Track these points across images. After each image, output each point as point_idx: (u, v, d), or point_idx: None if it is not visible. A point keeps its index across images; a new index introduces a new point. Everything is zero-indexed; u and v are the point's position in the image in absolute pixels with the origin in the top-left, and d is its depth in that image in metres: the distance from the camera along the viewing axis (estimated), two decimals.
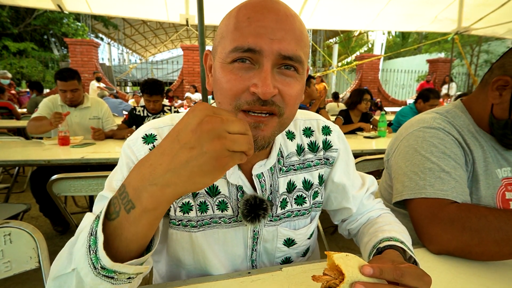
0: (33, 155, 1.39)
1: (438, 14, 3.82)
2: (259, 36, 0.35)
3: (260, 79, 0.35)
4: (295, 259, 0.55)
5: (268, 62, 0.36)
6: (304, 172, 0.52)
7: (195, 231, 0.48)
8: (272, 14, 0.36)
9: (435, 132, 0.61)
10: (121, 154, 0.46)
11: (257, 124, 0.38)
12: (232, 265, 0.51)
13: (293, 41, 0.36)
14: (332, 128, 0.55)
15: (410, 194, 0.59)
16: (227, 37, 0.38)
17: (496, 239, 0.49)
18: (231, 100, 0.37)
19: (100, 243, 0.29)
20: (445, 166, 0.58)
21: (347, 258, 0.34)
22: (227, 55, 0.37)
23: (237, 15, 0.37)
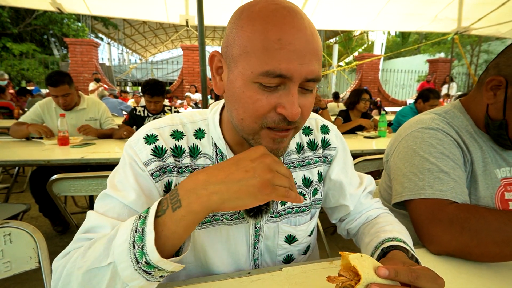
0: (33, 155, 1.39)
1: (438, 14, 3.82)
2: (290, 62, 0.35)
3: (288, 103, 0.37)
4: (297, 257, 0.56)
5: (296, 86, 0.37)
6: (303, 170, 0.53)
7: (198, 229, 0.48)
8: (302, 35, 0.36)
9: (434, 133, 0.61)
10: (123, 155, 0.47)
11: (281, 140, 0.40)
12: (235, 264, 0.51)
13: (317, 62, 0.37)
14: (330, 127, 0.56)
15: (409, 195, 0.59)
16: (254, 55, 0.36)
17: (496, 240, 0.49)
18: (257, 119, 0.38)
19: (150, 240, 0.31)
20: (443, 167, 0.58)
21: (362, 259, 0.34)
22: (256, 77, 0.36)
23: (265, 32, 0.35)
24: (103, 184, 1.07)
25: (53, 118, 1.83)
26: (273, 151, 0.40)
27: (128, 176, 0.43)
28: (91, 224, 0.40)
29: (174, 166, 0.46)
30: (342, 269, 0.35)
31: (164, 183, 0.45)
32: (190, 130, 0.48)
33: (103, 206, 0.42)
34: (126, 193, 0.42)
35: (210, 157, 0.48)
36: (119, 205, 0.41)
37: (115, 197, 0.42)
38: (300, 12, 0.38)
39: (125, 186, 0.42)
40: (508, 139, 0.58)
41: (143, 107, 2.07)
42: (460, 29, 4.17)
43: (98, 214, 0.41)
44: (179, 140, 0.47)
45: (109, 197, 0.42)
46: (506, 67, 0.56)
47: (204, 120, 0.50)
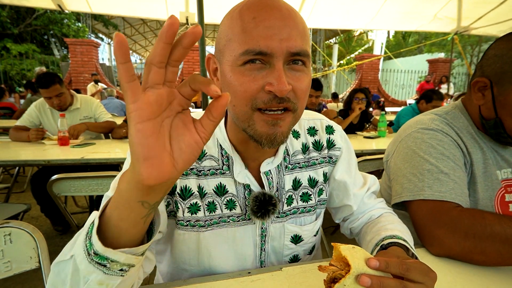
0: (33, 155, 1.39)
1: (437, 13, 3.82)
2: (268, 37, 0.36)
3: (275, 78, 0.36)
4: (303, 257, 0.56)
5: (280, 62, 0.37)
6: (309, 170, 0.53)
7: (203, 231, 0.48)
8: (276, 12, 0.37)
9: (433, 134, 0.61)
10: (127, 157, 0.47)
11: (275, 122, 0.39)
12: (241, 266, 0.51)
13: (299, 37, 0.37)
14: (335, 127, 0.56)
15: (409, 196, 0.59)
16: (234, 40, 0.38)
17: (500, 251, 0.48)
18: (247, 101, 0.38)
19: (94, 227, 0.29)
20: (443, 168, 0.58)
21: (354, 250, 0.34)
22: (238, 58, 0.37)
23: (241, 16, 0.38)
24: (103, 184, 1.07)
25: (49, 118, 1.83)
26: (270, 136, 0.39)
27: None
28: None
29: None
30: (334, 260, 0.35)
31: None
32: None
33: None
34: None
35: (215, 159, 0.48)
36: None
37: None
38: None
39: None
40: (508, 136, 0.57)
41: None
42: (459, 29, 4.17)
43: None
44: None
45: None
46: (487, 67, 0.57)
47: None
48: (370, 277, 0.31)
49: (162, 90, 0.24)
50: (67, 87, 1.83)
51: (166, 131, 0.26)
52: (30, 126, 1.81)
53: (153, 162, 0.25)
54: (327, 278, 0.34)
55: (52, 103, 1.73)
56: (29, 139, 1.67)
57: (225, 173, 0.48)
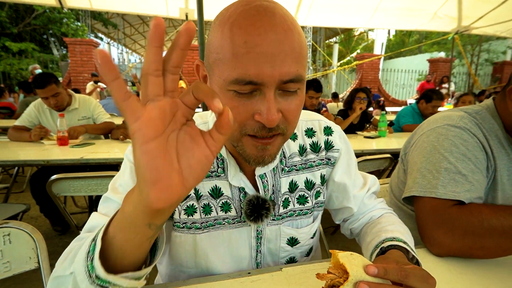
0: (32, 155, 1.38)
1: (437, 11, 3.81)
2: (259, 66, 0.33)
3: (265, 108, 0.35)
4: (299, 259, 0.55)
5: (271, 91, 0.35)
6: (306, 172, 0.52)
7: (200, 233, 0.48)
8: (270, 34, 0.33)
9: (459, 132, 0.58)
10: (124, 160, 0.47)
11: (264, 147, 0.38)
12: (237, 268, 0.51)
13: (294, 62, 0.35)
14: (333, 128, 0.55)
15: (419, 191, 0.57)
16: (224, 62, 0.35)
17: (499, 244, 0.48)
18: (236, 127, 0.37)
19: (97, 251, 0.28)
20: (462, 169, 0.55)
21: (352, 257, 0.33)
22: (228, 84, 0.35)
23: (232, 36, 0.34)
24: (103, 184, 1.06)
25: (48, 119, 1.82)
26: (258, 158, 0.39)
27: (129, 179, 0.44)
28: (93, 223, 0.41)
29: None
30: (332, 267, 0.34)
31: None
32: None
33: (105, 208, 0.43)
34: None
35: None
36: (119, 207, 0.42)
37: (116, 200, 0.43)
38: (272, 9, 0.34)
39: (125, 189, 0.43)
40: None
41: None
42: (460, 28, 4.17)
43: (100, 215, 0.42)
44: None
45: (110, 200, 0.43)
46: None
47: (205, 123, 0.50)
48: (369, 284, 0.31)
49: (163, 101, 0.22)
50: (65, 87, 1.82)
51: (173, 148, 0.24)
52: (30, 126, 1.81)
53: (162, 185, 0.23)
54: (326, 286, 0.34)
55: (49, 103, 1.72)
56: (31, 138, 1.66)
57: (220, 176, 0.48)
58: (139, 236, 0.28)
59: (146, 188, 0.23)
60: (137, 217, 0.26)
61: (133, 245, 0.29)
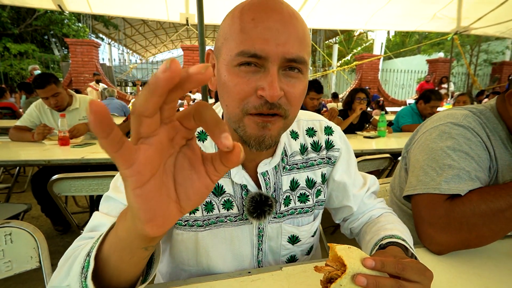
0: (33, 155, 1.39)
1: (437, 12, 3.82)
2: (265, 41, 0.35)
3: (267, 83, 0.36)
4: (300, 257, 0.56)
5: (274, 66, 0.36)
6: (307, 171, 0.53)
7: (201, 231, 0.48)
8: (276, 14, 0.36)
9: (463, 131, 0.58)
10: None
11: (265, 124, 0.39)
12: (238, 266, 0.51)
13: (297, 43, 0.37)
14: (334, 128, 0.56)
15: (423, 188, 0.57)
16: (232, 39, 0.37)
17: (491, 228, 0.50)
18: (239, 103, 0.38)
19: (90, 270, 0.28)
20: (465, 166, 0.55)
21: (350, 250, 0.34)
22: (233, 58, 0.37)
23: (241, 16, 0.37)
24: (104, 184, 1.07)
25: (49, 118, 1.82)
26: (258, 138, 0.39)
27: None
28: (94, 223, 0.42)
29: None
30: (330, 260, 0.35)
31: None
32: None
33: (106, 207, 0.44)
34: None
35: None
36: (120, 206, 0.43)
37: (117, 199, 0.43)
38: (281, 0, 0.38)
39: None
40: None
41: None
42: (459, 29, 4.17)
43: (102, 214, 0.43)
44: None
45: (111, 199, 0.44)
46: None
47: None
48: (366, 276, 0.31)
49: (159, 135, 0.19)
50: (65, 87, 1.82)
51: (169, 177, 0.21)
52: (31, 126, 1.81)
53: (158, 221, 0.21)
54: (324, 279, 0.34)
55: (49, 103, 1.72)
56: (33, 138, 1.66)
57: None
58: (135, 258, 0.27)
59: (140, 224, 0.21)
60: (132, 242, 0.25)
61: (129, 265, 0.28)
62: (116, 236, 0.27)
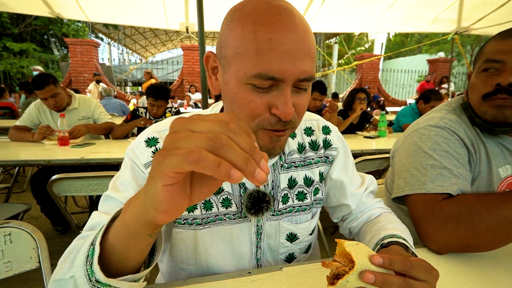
0: (33, 155, 1.39)
1: (438, 15, 3.82)
2: (282, 63, 0.35)
3: (281, 103, 0.37)
4: (298, 255, 0.56)
5: (289, 87, 0.37)
6: (305, 169, 0.53)
7: (200, 229, 0.48)
8: (293, 34, 0.35)
9: (440, 131, 0.62)
10: (124, 158, 0.47)
11: (278, 138, 0.41)
12: (238, 264, 0.51)
13: (309, 62, 0.37)
14: (331, 128, 0.57)
15: (411, 189, 0.60)
16: (246, 57, 0.36)
17: (489, 226, 0.50)
18: (252, 119, 0.39)
19: (95, 256, 0.29)
20: (446, 164, 0.59)
21: (358, 247, 0.34)
22: (249, 78, 0.36)
23: (255, 33, 0.35)
24: (103, 184, 1.07)
25: (48, 118, 1.82)
26: (270, 149, 0.41)
27: (129, 178, 0.45)
28: (94, 222, 0.42)
29: None
30: (337, 256, 0.35)
31: None
32: None
33: (105, 206, 0.44)
34: (126, 193, 0.43)
35: None
36: (120, 205, 0.43)
37: (116, 198, 0.43)
38: (291, 10, 0.37)
39: (126, 188, 0.44)
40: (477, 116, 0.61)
41: (145, 108, 2.06)
42: (460, 29, 4.17)
43: (101, 213, 0.43)
44: None
45: (110, 198, 0.44)
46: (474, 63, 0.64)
47: None
48: (374, 273, 0.31)
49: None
50: (63, 87, 1.81)
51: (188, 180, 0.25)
52: (31, 126, 1.81)
53: (172, 212, 0.25)
54: (330, 274, 0.34)
55: (48, 104, 1.72)
56: (33, 138, 1.66)
57: None
58: (141, 244, 0.30)
59: (155, 212, 0.24)
60: (139, 229, 0.28)
61: (135, 251, 0.30)
62: (123, 224, 0.29)
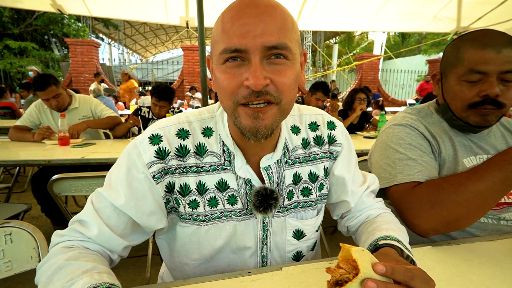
0: (33, 155, 1.39)
1: (437, 13, 3.81)
2: (242, 35, 0.37)
3: (250, 73, 0.38)
4: (306, 253, 0.56)
5: (256, 57, 0.38)
6: (309, 165, 0.53)
7: (204, 225, 0.49)
8: (251, 9, 0.38)
9: (403, 128, 0.69)
10: (125, 152, 0.47)
11: (256, 115, 0.40)
12: (241, 260, 0.52)
13: (275, 30, 0.38)
14: (336, 123, 0.57)
15: (384, 183, 0.65)
16: (217, 40, 0.40)
17: (457, 201, 0.55)
18: (230, 96, 0.40)
19: None
20: (411, 155, 0.65)
21: (363, 253, 0.34)
22: (219, 57, 0.40)
23: (222, 17, 0.40)
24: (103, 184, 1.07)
25: (49, 118, 1.82)
26: (252, 128, 0.41)
27: (123, 178, 0.45)
28: (85, 217, 0.45)
29: (177, 167, 0.47)
30: (341, 261, 0.35)
31: (165, 184, 0.46)
32: (197, 128, 0.49)
33: (99, 202, 0.45)
34: (117, 194, 0.44)
35: (217, 155, 0.49)
36: (110, 207, 0.44)
37: (107, 199, 0.45)
38: None
39: (117, 186, 0.45)
40: (459, 119, 0.65)
41: (148, 107, 2.06)
42: (459, 29, 4.16)
43: (93, 210, 0.44)
44: (184, 139, 0.48)
45: (102, 197, 0.45)
46: (441, 63, 0.69)
47: (212, 117, 0.51)
48: (376, 282, 0.32)
49: None
50: (64, 87, 1.82)
51: None
52: (31, 126, 1.81)
53: None
54: (332, 281, 0.34)
55: (50, 105, 1.72)
56: (34, 138, 1.66)
57: (227, 169, 0.49)
58: None
59: None
60: None
61: None
62: None
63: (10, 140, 1.77)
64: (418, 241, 0.61)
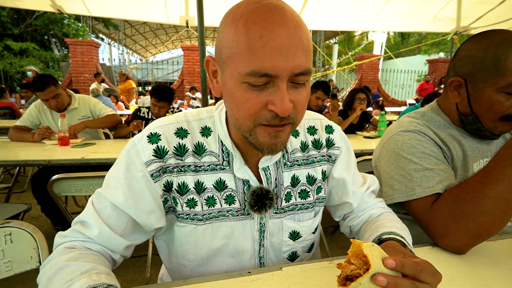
0: (33, 155, 1.39)
1: (437, 13, 3.81)
2: (274, 59, 0.35)
3: (278, 99, 0.37)
4: (301, 254, 0.56)
5: (284, 83, 0.37)
6: (308, 168, 0.54)
7: (201, 224, 0.49)
8: (283, 29, 0.36)
9: (412, 135, 0.65)
10: (125, 151, 0.47)
11: (277, 134, 0.41)
12: (239, 261, 0.52)
13: (303, 56, 0.37)
14: (334, 127, 0.57)
15: (402, 197, 0.62)
16: (239, 56, 0.37)
17: (480, 210, 0.51)
18: (250, 117, 0.39)
19: None
20: (427, 165, 0.61)
21: (373, 249, 0.34)
22: (243, 77, 0.37)
23: (247, 31, 0.36)
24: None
25: (49, 119, 1.82)
26: (271, 146, 0.41)
27: (122, 177, 0.45)
28: (86, 218, 0.44)
29: (175, 166, 0.47)
30: (351, 256, 0.35)
31: (163, 183, 0.46)
32: (196, 128, 0.49)
33: (99, 203, 0.45)
34: (116, 192, 0.44)
35: (216, 155, 0.49)
36: (110, 207, 0.45)
37: (107, 198, 0.45)
38: (282, 6, 0.37)
39: (116, 185, 0.45)
40: (485, 130, 0.62)
41: (147, 108, 2.06)
42: (459, 29, 4.17)
43: (94, 211, 0.45)
44: (183, 138, 0.48)
45: (102, 197, 0.45)
46: (460, 67, 0.62)
47: (210, 117, 0.51)
48: (386, 277, 0.32)
49: None
50: (64, 87, 1.81)
51: None
52: (31, 126, 1.81)
53: None
54: (342, 276, 0.34)
55: (50, 105, 1.72)
56: (33, 138, 1.66)
57: (225, 169, 0.49)
58: None
59: None
60: None
61: None
62: None
63: (10, 140, 1.77)
64: (420, 241, 0.61)
